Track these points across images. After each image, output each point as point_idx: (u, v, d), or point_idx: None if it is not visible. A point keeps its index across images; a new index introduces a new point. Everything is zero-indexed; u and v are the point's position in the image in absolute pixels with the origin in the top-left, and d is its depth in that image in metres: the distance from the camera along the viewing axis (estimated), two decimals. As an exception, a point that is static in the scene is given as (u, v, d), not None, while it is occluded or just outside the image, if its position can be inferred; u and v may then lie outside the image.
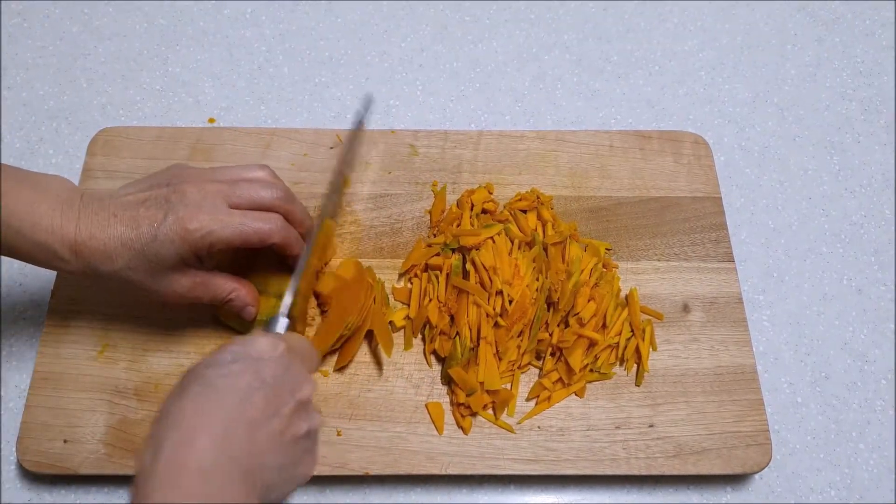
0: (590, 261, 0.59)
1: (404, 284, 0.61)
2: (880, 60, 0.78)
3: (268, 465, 0.39)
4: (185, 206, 0.48)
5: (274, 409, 0.40)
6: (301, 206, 0.54)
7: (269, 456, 0.39)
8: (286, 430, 0.40)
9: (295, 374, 0.43)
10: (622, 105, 0.74)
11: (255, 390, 0.40)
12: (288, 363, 0.43)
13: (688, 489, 0.57)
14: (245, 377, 0.40)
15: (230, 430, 0.38)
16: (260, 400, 0.39)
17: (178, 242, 0.47)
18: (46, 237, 0.46)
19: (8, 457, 0.56)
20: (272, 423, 0.40)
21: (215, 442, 0.37)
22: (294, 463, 0.42)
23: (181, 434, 0.37)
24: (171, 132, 0.67)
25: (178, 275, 0.49)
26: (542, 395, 0.56)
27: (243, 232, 0.49)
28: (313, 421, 0.43)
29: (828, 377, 0.62)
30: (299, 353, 0.45)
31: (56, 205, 0.46)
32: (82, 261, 0.47)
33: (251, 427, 0.39)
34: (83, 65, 0.75)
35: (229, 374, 0.40)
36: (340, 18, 0.79)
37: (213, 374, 0.40)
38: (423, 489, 0.56)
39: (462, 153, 0.67)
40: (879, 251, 0.67)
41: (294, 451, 0.41)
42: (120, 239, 0.47)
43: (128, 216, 0.47)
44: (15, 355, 0.60)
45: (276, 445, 0.40)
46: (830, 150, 0.73)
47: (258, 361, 0.41)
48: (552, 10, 0.80)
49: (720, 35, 0.79)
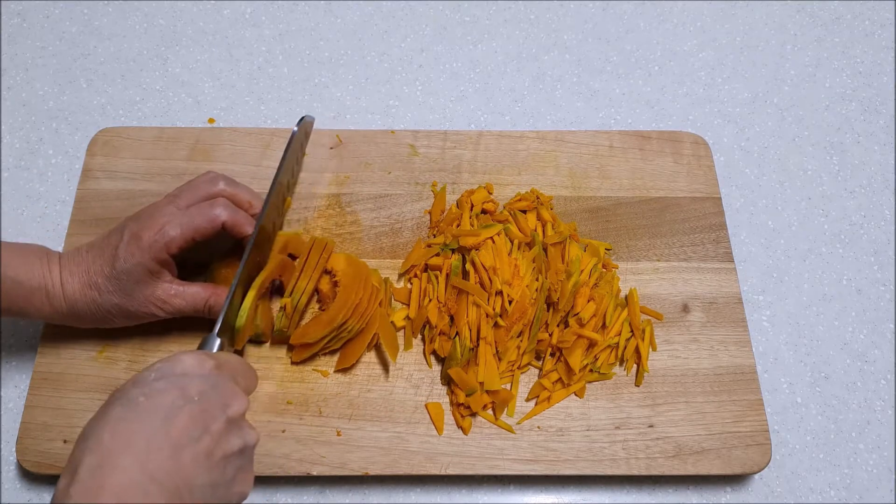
0: (589, 261, 0.59)
1: (404, 284, 0.61)
2: (880, 60, 0.78)
3: (197, 485, 0.38)
4: (137, 222, 0.52)
5: (202, 427, 0.39)
6: (246, 189, 0.56)
7: (199, 476, 0.38)
8: (216, 449, 0.40)
9: (225, 391, 0.42)
10: (622, 105, 0.74)
11: (180, 408, 0.39)
12: (216, 380, 0.42)
13: (687, 489, 0.57)
14: (169, 395, 0.39)
15: (152, 451, 0.37)
16: (185, 418, 0.39)
17: (138, 254, 0.50)
18: (40, 282, 0.50)
19: (8, 457, 0.56)
20: (201, 441, 0.39)
21: (135, 463, 0.36)
22: (227, 482, 0.41)
23: (99, 457, 0.37)
24: (171, 132, 0.67)
25: (150, 289, 0.52)
26: (542, 395, 0.56)
27: (193, 220, 0.51)
28: (247, 438, 0.42)
29: (827, 377, 0.62)
30: (233, 371, 0.44)
31: (42, 255, 0.52)
32: (69, 299, 0.51)
33: (175, 447, 0.38)
34: (83, 65, 0.75)
35: (152, 392, 0.39)
36: (340, 18, 0.79)
37: (135, 393, 0.39)
38: (422, 489, 0.56)
39: (462, 153, 0.67)
40: (879, 251, 0.67)
41: (226, 469, 0.40)
42: (91, 268, 0.51)
43: (95, 249, 0.52)
44: (15, 355, 0.60)
45: (204, 464, 0.39)
46: (830, 151, 0.73)
47: (183, 378, 0.41)
48: (552, 10, 0.80)
49: (720, 35, 0.79)
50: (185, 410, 0.39)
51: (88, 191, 0.64)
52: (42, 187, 0.68)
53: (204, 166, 0.65)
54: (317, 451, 0.54)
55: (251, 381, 0.47)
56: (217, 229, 0.53)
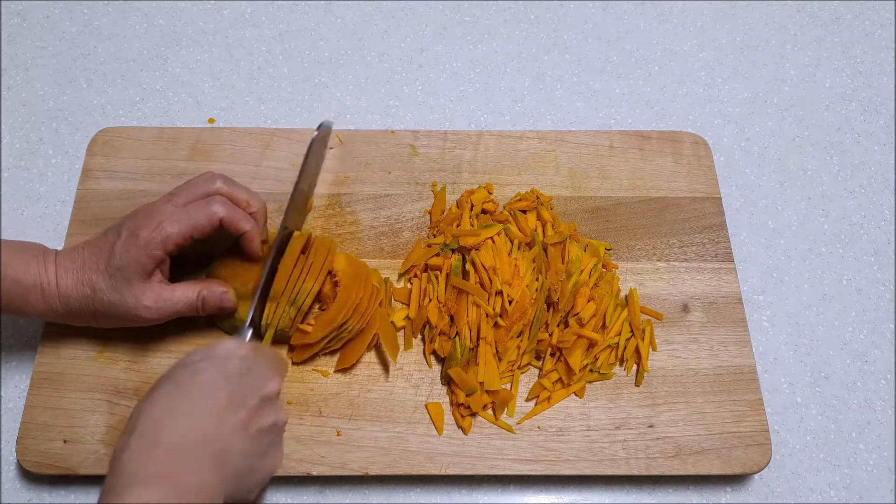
0: (589, 261, 0.59)
1: (404, 284, 0.61)
2: (880, 60, 0.78)
3: (236, 451, 0.43)
4: (134, 220, 0.52)
5: (239, 402, 0.44)
6: (244, 188, 0.56)
7: (236, 443, 0.43)
8: (251, 422, 0.44)
9: (260, 373, 0.46)
10: (622, 105, 0.74)
11: (220, 384, 0.44)
12: (252, 362, 0.47)
13: (687, 489, 0.57)
14: (209, 373, 0.44)
15: (198, 417, 0.42)
16: (224, 393, 0.44)
17: (135, 251, 0.51)
18: (35, 279, 0.51)
19: (8, 457, 0.56)
20: (238, 413, 0.44)
21: (185, 424, 0.42)
22: (261, 453, 0.45)
23: (154, 420, 0.42)
24: (171, 132, 0.67)
25: (143, 287, 0.52)
26: (542, 395, 0.56)
27: (191, 217, 0.52)
28: (279, 415, 0.47)
29: (827, 377, 0.62)
30: (266, 356, 0.49)
31: (39, 254, 0.52)
32: (63, 297, 0.51)
33: (217, 416, 0.43)
34: (83, 65, 0.75)
35: (196, 371, 0.45)
36: (340, 18, 0.79)
37: (182, 372, 0.45)
38: (422, 489, 0.56)
39: (462, 153, 0.67)
40: (879, 251, 0.67)
41: (260, 442, 0.45)
42: (86, 264, 0.52)
43: (91, 246, 0.53)
44: (15, 355, 0.60)
45: (242, 434, 0.44)
46: (830, 151, 0.73)
47: (223, 360, 0.46)
48: (552, 11, 0.80)
49: (720, 35, 0.79)
50: (226, 387, 0.44)
51: (88, 191, 0.64)
52: (42, 187, 0.68)
53: (204, 166, 0.65)
54: (317, 451, 0.54)
55: (282, 367, 0.50)
56: (215, 226, 0.53)
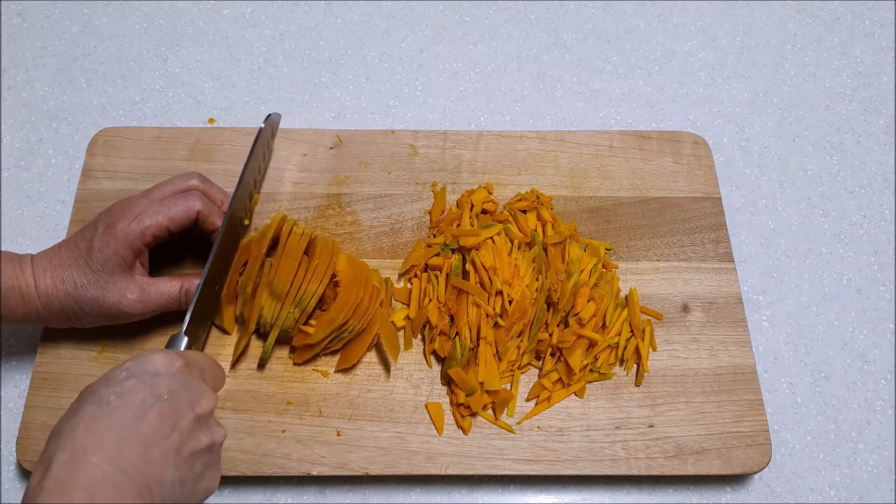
0: (589, 261, 0.59)
1: (404, 284, 0.61)
2: (880, 60, 0.78)
3: (166, 481, 0.40)
4: (109, 214, 0.53)
5: (171, 424, 0.41)
6: (219, 188, 0.57)
7: (166, 471, 0.40)
8: (184, 445, 0.41)
9: (194, 389, 0.43)
10: (622, 105, 0.74)
11: (150, 406, 0.40)
12: (186, 378, 0.43)
13: (687, 489, 0.57)
14: (140, 394, 0.41)
15: (123, 447, 0.38)
16: (155, 415, 0.40)
17: (113, 244, 0.51)
18: (12, 282, 0.50)
19: (8, 457, 0.56)
20: (170, 438, 0.40)
21: (106, 459, 0.38)
22: (195, 477, 0.42)
23: (71, 453, 0.38)
24: (171, 132, 0.67)
25: (126, 280, 0.52)
26: (542, 395, 0.56)
27: (168, 210, 0.53)
28: (215, 434, 0.43)
29: (827, 377, 0.62)
30: (201, 369, 0.46)
31: (13, 258, 0.52)
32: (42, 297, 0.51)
33: (145, 443, 0.39)
34: (83, 65, 0.75)
35: (123, 391, 0.41)
36: (340, 18, 0.79)
37: (106, 391, 0.41)
38: (422, 489, 0.56)
39: (462, 153, 0.67)
40: (879, 251, 0.67)
41: (194, 465, 0.42)
42: (65, 262, 0.51)
43: (69, 244, 0.53)
44: (15, 355, 0.60)
45: (173, 460, 0.40)
46: (830, 151, 0.73)
47: (154, 377, 0.42)
48: (552, 10, 0.80)
49: (720, 35, 0.79)
50: (156, 408, 0.40)
51: (88, 191, 0.64)
52: (42, 187, 0.68)
53: (204, 166, 0.65)
54: (317, 451, 0.54)
55: (219, 378, 0.48)
56: (192, 219, 0.54)
